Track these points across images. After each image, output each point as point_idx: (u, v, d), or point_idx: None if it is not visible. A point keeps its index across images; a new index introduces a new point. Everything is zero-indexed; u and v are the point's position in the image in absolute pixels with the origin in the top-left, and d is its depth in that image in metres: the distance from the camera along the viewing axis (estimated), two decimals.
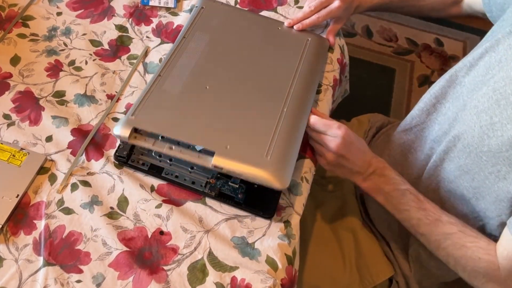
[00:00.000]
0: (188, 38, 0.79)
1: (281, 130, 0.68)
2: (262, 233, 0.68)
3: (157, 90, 0.70)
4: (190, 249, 0.65)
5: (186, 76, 0.73)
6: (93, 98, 0.78)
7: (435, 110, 0.75)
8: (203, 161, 0.65)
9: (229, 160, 0.64)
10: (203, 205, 0.69)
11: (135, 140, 0.66)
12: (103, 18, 0.89)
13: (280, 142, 0.67)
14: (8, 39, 0.84)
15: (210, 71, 0.75)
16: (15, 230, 0.65)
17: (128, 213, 0.68)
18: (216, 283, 0.63)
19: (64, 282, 0.61)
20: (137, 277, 0.62)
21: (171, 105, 0.69)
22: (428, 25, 1.96)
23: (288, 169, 0.66)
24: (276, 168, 0.64)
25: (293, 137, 0.69)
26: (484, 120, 0.62)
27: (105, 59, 0.83)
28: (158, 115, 0.68)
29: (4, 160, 0.69)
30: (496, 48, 0.65)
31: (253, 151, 0.65)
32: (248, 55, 0.79)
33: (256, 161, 0.64)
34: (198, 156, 0.65)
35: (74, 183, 0.69)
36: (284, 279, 0.65)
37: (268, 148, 0.65)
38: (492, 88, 0.62)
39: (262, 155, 0.65)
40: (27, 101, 0.77)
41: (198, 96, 0.71)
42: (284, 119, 0.70)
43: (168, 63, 0.74)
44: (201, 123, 0.68)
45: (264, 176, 0.63)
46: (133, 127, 0.66)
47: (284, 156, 0.66)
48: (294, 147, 0.69)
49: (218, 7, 0.87)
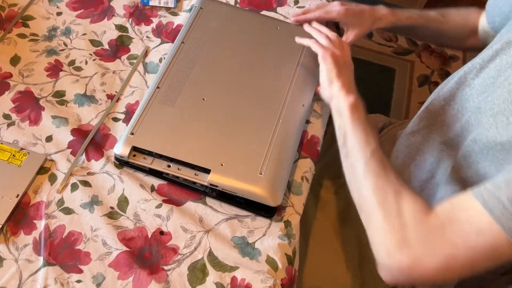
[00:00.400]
0: (187, 43, 0.80)
1: (275, 146, 0.70)
2: (262, 233, 0.68)
3: (156, 105, 0.72)
4: (190, 249, 0.65)
5: (184, 87, 0.75)
6: (93, 98, 0.78)
7: (443, 112, 0.75)
8: (200, 178, 0.68)
9: (224, 177, 0.67)
10: (203, 205, 0.69)
11: (134, 158, 0.69)
12: (103, 18, 0.89)
13: (274, 158, 0.69)
14: (8, 39, 0.84)
15: (207, 81, 0.77)
16: (15, 230, 0.65)
17: (128, 213, 0.68)
18: (216, 283, 0.63)
19: (64, 282, 0.61)
20: (137, 277, 0.62)
21: (168, 121, 0.71)
22: None
23: (281, 187, 0.68)
24: (269, 185, 0.67)
25: (286, 153, 0.72)
26: (501, 121, 0.61)
27: (105, 59, 0.83)
28: (156, 132, 0.70)
29: (4, 160, 0.69)
30: (508, 51, 0.65)
31: (248, 168, 0.68)
32: (245, 60, 0.80)
33: (250, 179, 0.67)
34: (195, 174, 0.68)
35: (74, 183, 0.69)
36: (284, 279, 0.65)
37: (262, 165, 0.68)
38: (507, 90, 0.61)
39: (256, 172, 0.67)
40: (27, 101, 0.77)
41: (195, 110, 0.73)
42: (278, 133, 0.72)
43: (166, 72, 0.76)
44: (198, 140, 0.70)
45: (258, 193, 0.66)
46: (132, 146, 0.68)
47: (277, 173, 0.69)
48: (287, 163, 0.71)
49: (217, 7, 0.87)
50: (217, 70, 0.78)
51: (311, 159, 0.76)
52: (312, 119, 0.80)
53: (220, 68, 0.78)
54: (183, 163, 0.68)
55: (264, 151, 0.70)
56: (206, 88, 0.75)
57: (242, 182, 0.67)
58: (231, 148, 0.70)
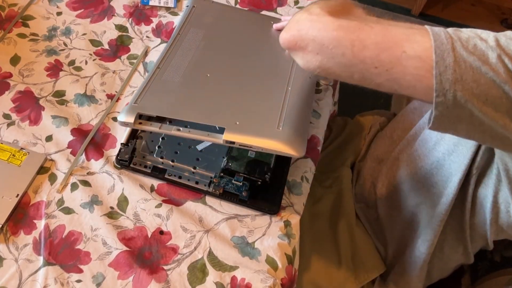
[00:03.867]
0: (183, 34, 0.79)
1: (290, 103, 0.67)
2: (262, 232, 0.68)
3: (158, 80, 0.69)
4: (190, 248, 0.65)
5: (185, 67, 0.72)
6: (93, 98, 0.78)
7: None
8: (214, 138, 0.63)
9: (240, 134, 0.62)
10: (203, 205, 0.69)
11: (140, 125, 0.64)
12: (103, 18, 0.89)
13: (290, 113, 0.66)
14: (8, 39, 0.84)
15: (208, 62, 0.74)
16: (15, 229, 0.65)
17: (128, 213, 0.68)
18: (216, 283, 0.63)
19: (64, 282, 0.61)
20: (137, 277, 0.62)
21: (174, 91, 0.68)
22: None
23: (302, 138, 0.65)
24: (290, 137, 0.63)
25: (303, 107, 0.68)
26: None
27: (105, 59, 0.83)
28: (162, 100, 0.66)
29: (4, 160, 0.69)
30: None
31: (264, 124, 0.64)
32: (245, 47, 0.78)
33: (269, 133, 0.63)
34: (208, 134, 0.64)
35: (74, 182, 0.69)
36: (284, 278, 0.65)
37: (278, 120, 0.64)
38: None
39: (274, 127, 0.63)
40: (27, 100, 0.77)
41: (200, 82, 0.70)
42: (291, 95, 0.69)
43: (165, 56, 0.73)
44: (207, 104, 0.66)
45: (279, 146, 0.62)
46: (137, 113, 0.64)
47: (297, 125, 0.65)
48: (305, 116, 0.68)
49: (209, 5, 0.87)
50: (218, 55, 0.75)
51: (311, 159, 0.76)
52: (312, 119, 0.80)
53: (220, 53, 0.76)
54: (194, 125, 0.64)
55: (279, 108, 0.66)
56: (208, 67, 0.72)
57: (261, 137, 0.62)
58: (244, 107, 0.66)
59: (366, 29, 0.50)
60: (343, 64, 0.52)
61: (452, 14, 2.01)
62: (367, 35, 0.49)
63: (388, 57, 0.48)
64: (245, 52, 0.77)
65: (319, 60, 0.53)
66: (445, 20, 1.98)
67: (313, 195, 0.89)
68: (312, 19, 0.53)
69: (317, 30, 0.52)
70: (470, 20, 2.00)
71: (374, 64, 0.49)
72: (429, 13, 1.99)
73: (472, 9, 2.05)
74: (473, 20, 2.00)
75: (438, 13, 2.01)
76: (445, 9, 2.03)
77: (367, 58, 0.49)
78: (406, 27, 0.49)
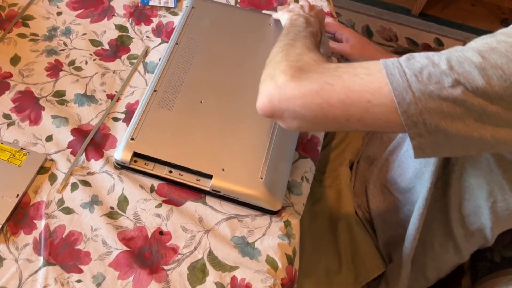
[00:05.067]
0: (181, 44, 0.80)
1: (273, 149, 0.71)
2: (262, 232, 0.68)
3: (154, 109, 0.72)
4: (190, 248, 0.65)
5: (181, 90, 0.75)
6: (93, 98, 0.78)
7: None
8: (202, 184, 0.69)
9: (226, 182, 0.67)
10: (203, 205, 0.69)
11: (135, 164, 0.69)
12: (103, 18, 0.89)
13: (273, 162, 0.70)
14: (8, 39, 0.84)
15: (203, 82, 0.77)
16: (15, 229, 0.65)
17: (128, 213, 0.68)
18: (216, 283, 0.63)
19: (64, 282, 0.61)
20: (137, 277, 0.62)
21: (168, 126, 0.71)
22: (428, 25, 1.96)
23: (281, 191, 0.69)
24: (270, 190, 0.67)
25: (284, 156, 0.72)
26: None
27: (105, 59, 0.83)
28: (156, 137, 0.70)
29: (4, 160, 0.69)
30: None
31: (248, 173, 0.68)
32: (239, 59, 0.80)
33: (251, 183, 0.67)
34: (197, 179, 0.69)
35: (74, 182, 0.69)
36: (284, 278, 0.65)
37: (261, 170, 0.68)
38: None
39: (257, 177, 0.68)
40: (27, 101, 0.77)
41: (193, 113, 0.73)
42: (276, 135, 0.72)
43: (162, 75, 0.76)
44: (198, 145, 0.70)
45: (260, 198, 0.67)
46: (133, 152, 0.68)
47: (277, 177, 0.69)
48: (285, 166, 0.72)
49: (209, 5, 0.87)
50: (213, 70, 0.78)
51: (311, 159, 0.76)
52: None
53: (215, 70, 0.78)
54: (184, 169, 0.69)
55: (263, 155, 0.70)
56: (202, 90, 0.75)
57: (244, 187, 0.67)
58: (231, 152, 0.70)
59: (327, 88, 0.53)
60: (319, 123, 0.56)
61: (452, 14, 2.01)
62: (330, 96, 0.53)
63: (356, 110, 0.52)
64: (239, 66, 0.79)
65: (297, 123, 0.57)
66: (445, 20, 1.98)
67: (313, 195, 0.89)
68: (279, 90, 0.55)
69: (286, 101, 0.55)
70: (470, 20, 2.00)
71: (345, 117, 0.53)
72: (429, 13, 2.00)
73: (472, 9, 2.05)
74: (473, 20, 2.00)
75: (438, 13, 2.01)
76: (445, 9, 2.03)
77: (338, 115, 0.53)
78: (363, 73, 0.52)
